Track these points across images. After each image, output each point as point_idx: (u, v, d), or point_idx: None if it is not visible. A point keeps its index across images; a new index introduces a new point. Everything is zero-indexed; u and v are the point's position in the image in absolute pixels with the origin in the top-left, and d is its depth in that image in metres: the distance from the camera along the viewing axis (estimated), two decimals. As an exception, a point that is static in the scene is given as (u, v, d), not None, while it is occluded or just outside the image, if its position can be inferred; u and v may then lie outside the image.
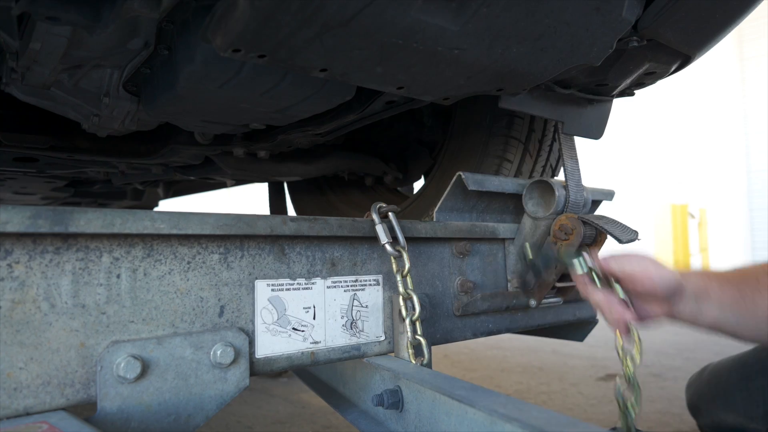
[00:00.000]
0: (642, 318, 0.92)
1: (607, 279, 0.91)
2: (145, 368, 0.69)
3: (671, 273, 0.91)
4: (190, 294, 0.75)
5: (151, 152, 1.36)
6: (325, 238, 0.89)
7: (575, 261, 0.92)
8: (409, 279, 0.91)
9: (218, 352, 0.74)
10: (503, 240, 1.17)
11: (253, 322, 0.80)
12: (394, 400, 0.81)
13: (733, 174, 8.50)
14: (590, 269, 0.91)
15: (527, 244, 1.10)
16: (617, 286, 0.90)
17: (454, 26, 0.66)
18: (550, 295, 1.18)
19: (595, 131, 1.24)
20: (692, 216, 8.22)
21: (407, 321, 0.90)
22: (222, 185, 2.28)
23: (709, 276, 0.94)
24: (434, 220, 1.10)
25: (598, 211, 1.31)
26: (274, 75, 0.80)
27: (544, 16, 0.69)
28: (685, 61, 1.01)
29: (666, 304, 0.91)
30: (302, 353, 0.85)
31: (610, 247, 1.18)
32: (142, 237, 0.71)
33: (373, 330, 0.94)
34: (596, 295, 0.91)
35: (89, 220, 0.65)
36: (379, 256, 0.96)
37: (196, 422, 0.73)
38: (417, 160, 1.88)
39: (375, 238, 0.92)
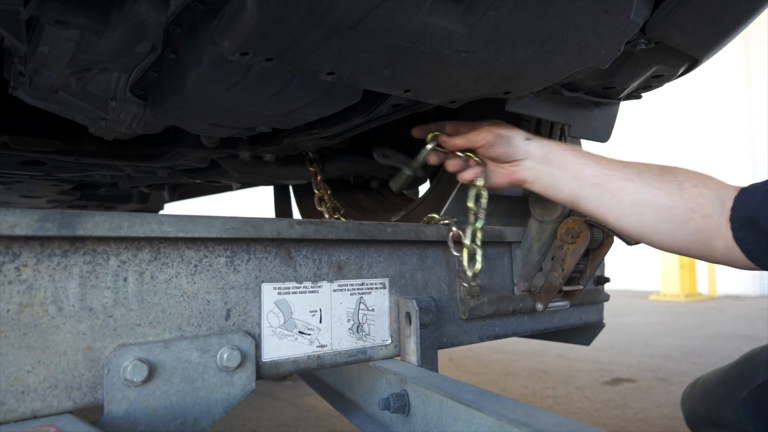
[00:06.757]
0: (493, 184, 1.02)
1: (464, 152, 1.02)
2: (152, 371, 0.69)
3: (518, 139, 0.98)
4: (196, 297, 0.75)
5: (157, 155, 1.36)
6: (332, 241, 0.89)
7: (428, 146, 1.02)
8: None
9: (225, 356, 0.74)
10: (510, 243, 1.17)
11: (259, 325, 0.80)
12: (401, 404, 0.80)
13: (739, 176, 8.46)
14: (437, 144, 1.02)
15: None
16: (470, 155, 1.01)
17: (462, 29, 0.66)
18: (556, 299, 1.17)
19: (602, 134, 1.24)
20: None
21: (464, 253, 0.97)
22: (227, 188, 2.29)
23: (572, 148, 0.96)
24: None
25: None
26: (281, 78, 0.80)
27: (552, 19, 0.69)
28: (693, 63, 1.01)
29: (512, 168, 1.00)
30: (308, 357, 0.85)
31: (616, 248, 1.18)
32: (149, 240, 0.71)
33: (380, 334, 0.94)
34: (451, 162, 1.02)
35: (96, 223, 0.65)
36: (386, 259, 0.96)
37: (203, 426, 0.72)
38: (423, 163, 1.87)
39: (381, 242, 0.92)
